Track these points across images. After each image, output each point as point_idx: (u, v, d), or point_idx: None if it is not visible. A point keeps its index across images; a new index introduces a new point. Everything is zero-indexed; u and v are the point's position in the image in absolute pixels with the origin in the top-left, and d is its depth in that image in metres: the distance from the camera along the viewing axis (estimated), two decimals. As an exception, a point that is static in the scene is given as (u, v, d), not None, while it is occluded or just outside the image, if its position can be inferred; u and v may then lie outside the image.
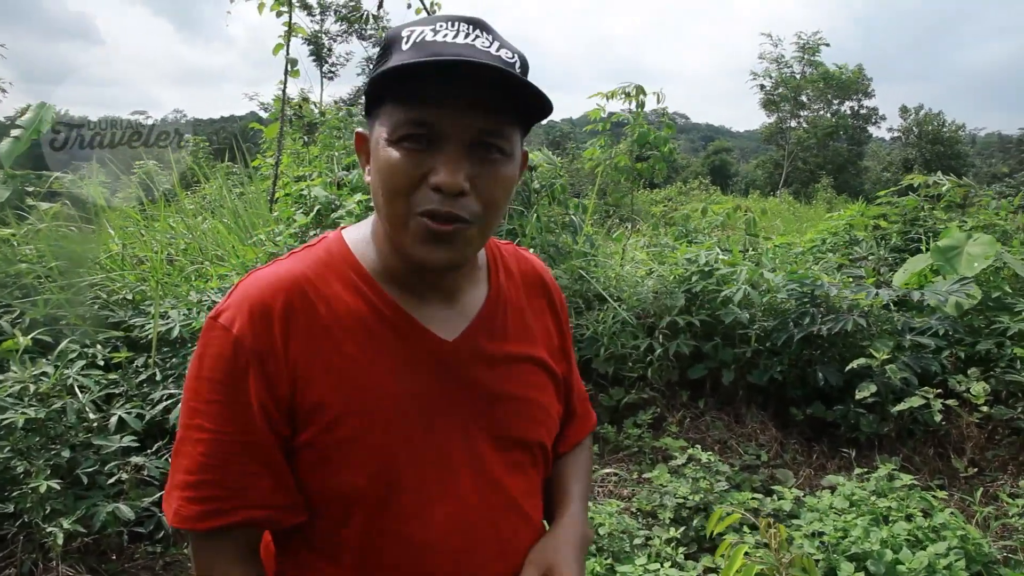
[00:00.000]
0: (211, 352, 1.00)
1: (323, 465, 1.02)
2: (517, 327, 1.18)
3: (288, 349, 1.00)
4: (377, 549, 1.04)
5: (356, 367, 1.02)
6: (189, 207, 6.60)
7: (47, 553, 2.88)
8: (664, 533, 3.55)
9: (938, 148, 43.86)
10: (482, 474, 1.09)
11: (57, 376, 3.20)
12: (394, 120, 0.96)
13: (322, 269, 1.06)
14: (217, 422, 0.99)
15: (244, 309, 1.00)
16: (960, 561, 3.05)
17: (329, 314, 1.03)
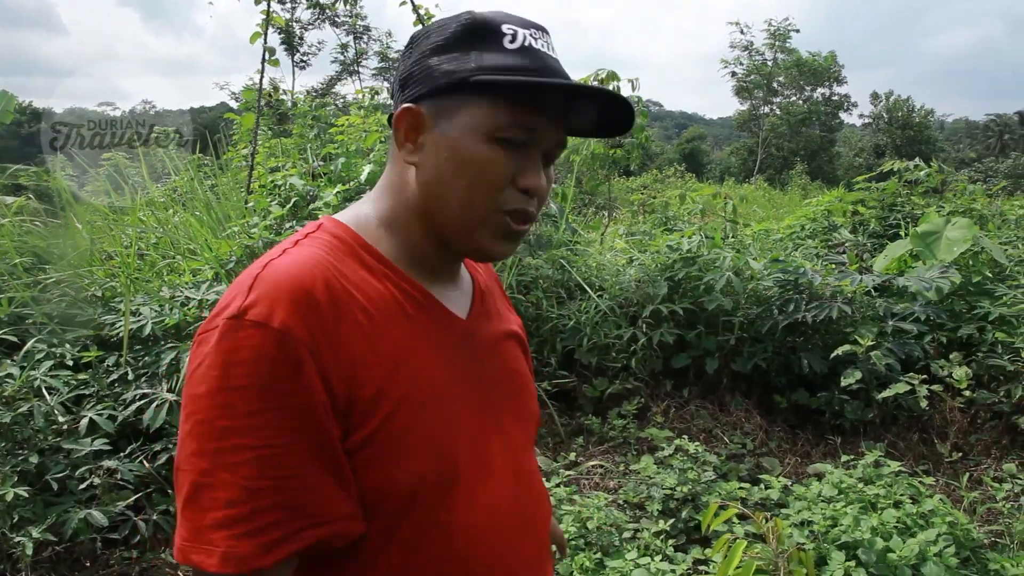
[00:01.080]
0: (244, 356, 0.85)
1: (382, 461, 0.92)
2: (497, 307, 1.22)
3: (341, 339, 0.90)
4: (424, 543, 0.97)
5: (405, 352, 0.96)
6: (160, 200, 6.44)
7: (15, 564, 2.77)
8: (653, 526, 3.50)
9: (908, 133, 44.47)
10: (511, 452, 1.09)
11: (24, 378, 3.09)
12: (499, 119, 0.96)
13: (340, 253, 0.98)
14: (267, 434, 0.84)
15: (283, 300, 0.87)
16: (950, 547, 3.04)
17: (365, 299, 0.95)
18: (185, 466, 0.86)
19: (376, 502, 0.93)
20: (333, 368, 0.88)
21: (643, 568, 3.04)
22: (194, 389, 0.87)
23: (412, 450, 0.93)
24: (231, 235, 4.72)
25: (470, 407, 1.03)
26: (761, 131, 40.71)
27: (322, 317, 0.89)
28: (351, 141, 5.93)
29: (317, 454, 0.87)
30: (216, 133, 9.16)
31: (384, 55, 31.75)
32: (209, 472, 0.84)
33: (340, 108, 14.57)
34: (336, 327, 0.89)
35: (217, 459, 0.84)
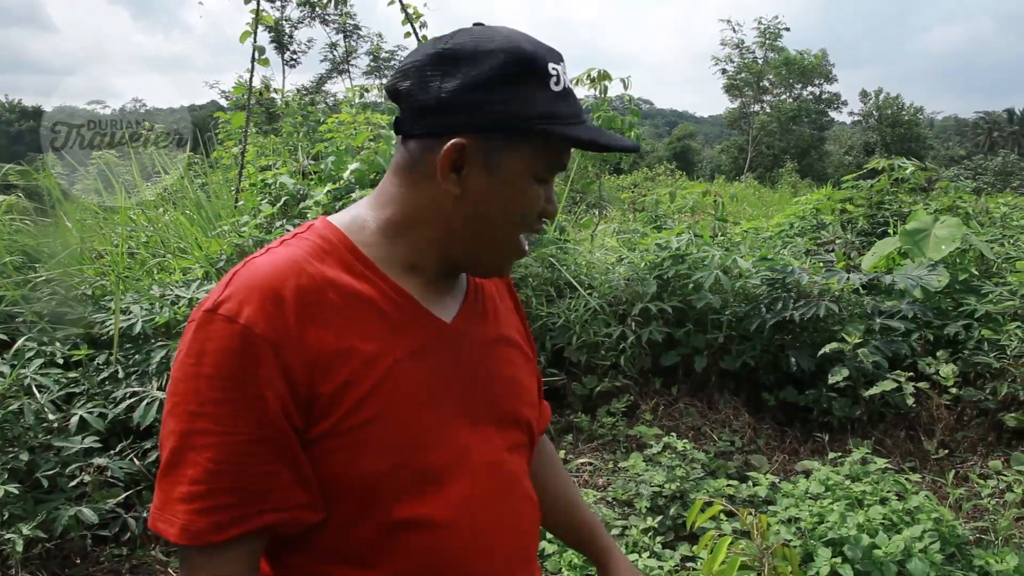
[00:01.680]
0: (212, 347, 0.91)
1: (344, 453, 0.96)
2: (494, 311, 1.21)
3: (304, 335, 0.94)
4: (394, 536, 1.00)
5: (373, 349, 0.99)
6: (151, 199, 6.43)
7: (6, 561, 2.78)
8: (641, 523, 3.53)
9: (898, 131, 44.67)
10: (488, 453, 1.10)
11: (14, 376, 3.09)
12: (548, 162, 1.03)
13: (321, 255, 1.01)
14: (227, 422, 0.90)
15: (252, 297, 0.93)
16: (935, 544, 3.06)
17: (338, 298, 0.99)
18: (163, 442, 0.94)
19: (338, 492, 0.97)
20: (296, 363, 0.92)
21: (631, 564, 3.06)
22: (175, 373, 0.94)
23: (376, 444, 0.97)
24: (221, 234, 4.72)
25: (446, 408, 1.05)
26: (751, 129, 40.84)
27: (285, 315, 0.93)
28: (341, 140, 5.94)
29: (273, 445, 0.92)
30: (207, 131, 9.14)
31: (375, 55, 31.69)
32: (179, 451, 0.91)
33: (330, 107, 14.55)
34: (301, 324, 0.93)
35: (186, 440, 0.91)
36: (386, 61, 32.04)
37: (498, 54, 0.98)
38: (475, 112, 0.98)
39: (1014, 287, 4.82)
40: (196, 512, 0.91)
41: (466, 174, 1.01)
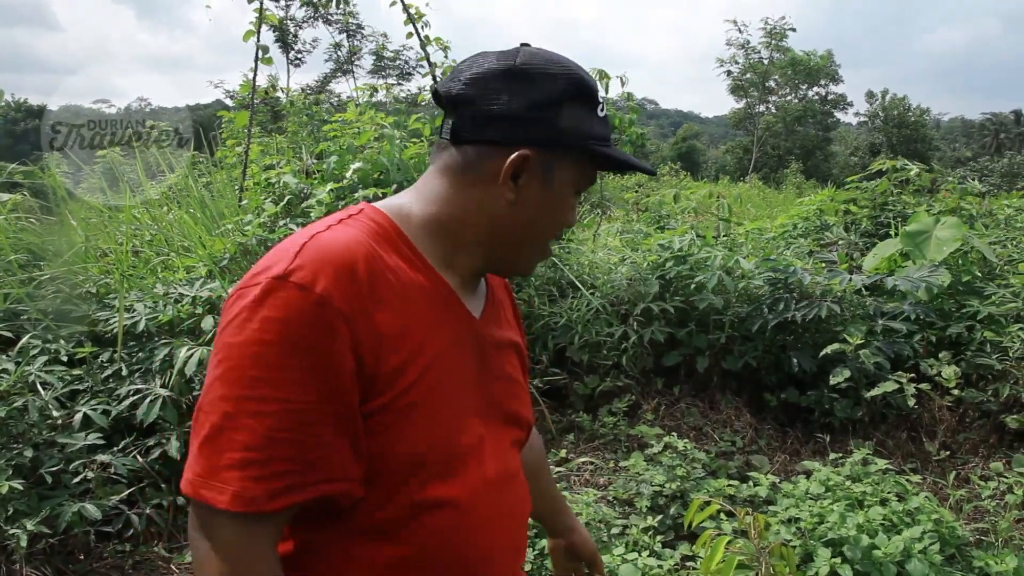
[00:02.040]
0: (281, 314, 0.91)
1: (391, 431, 1.00)
2: (504, 317, 1.29)
3: (373, 312, 0.97)
4: (418, 515, 1.03)
5: (427, 336, 1.04)
6: (155, 198, 6.46)
7: (10, 556, 2.80)
8: (641, 522, 3.54)
9: (904, 132, 44.57)
10: (500, 447, 1.17)
11: (19, 373, 3.12)
12: (588, 178, 1.16)
13: (378, 239, 1.05)
14: (292, 390, 0.91)
15: (327, 270, 0.94)
16: (935, 545, 3.07)
17: (397, 281, 1.02)
18: (209, 408, 0.93)
19: (377, 469, 1.00)
20: (364, 338, 0.95)
21: (630, 563, 3.07)
22: (229, 338, 0.93)
23: (419, 425, 1.01)
24: (225, 232, 4.74)
25: (472, 398, 1.11)
26: (756, 130, 40.79)
27: (359, 291, 0.96)
28: (344, 140, 5.96)
29: (338, 417, 0.94)
30: (212, 131, 9.17)
31: (379, 54, 31.76)
32: (233, 416, 0.91)
33: (335, 106, 14.58)
34: (371, 302, 0.97)
35: (243, 405, 0.90)
36: (391, 61, 32.10)
37: (562, 78, 1.09)
38: (541, 127, 1.07)
39: (1016, 289, 4.82)
40: (252, 479, 0.90)
41: (523, 183, 1.09)
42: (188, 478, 0.93)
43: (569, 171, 1.12)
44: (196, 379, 3.57)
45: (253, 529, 0.93)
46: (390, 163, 5.52)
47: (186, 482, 0.94)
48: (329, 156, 5.75)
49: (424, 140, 6.30)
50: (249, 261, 4.54)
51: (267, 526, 0.94)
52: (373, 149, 5.61)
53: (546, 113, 1.07)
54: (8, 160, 6.58)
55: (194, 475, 0.93)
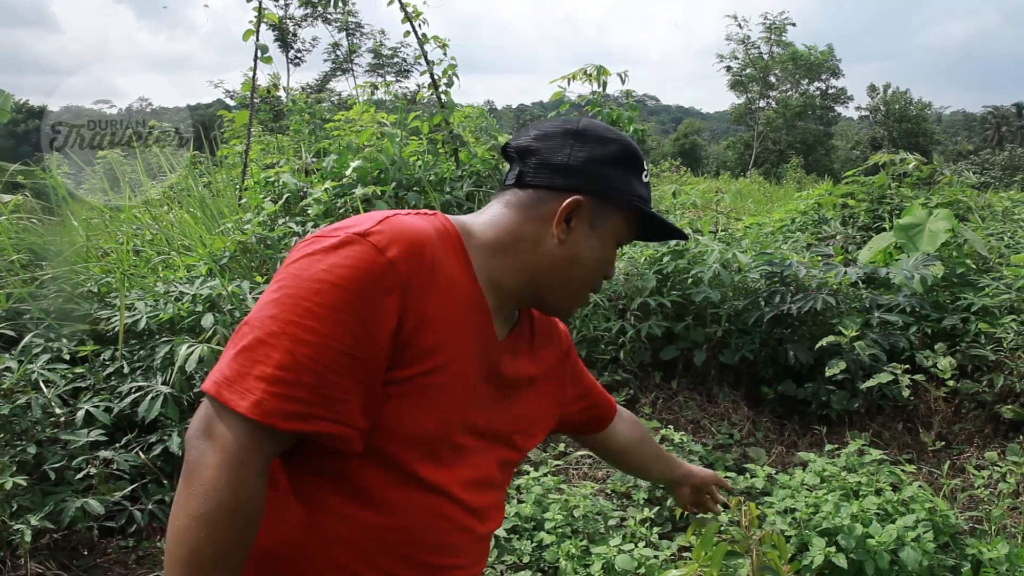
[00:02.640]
0: (352, 263, 1.02)
1: (409, 402, 1.10)
2: (528, 355, 1.36)
3: (427, 290, 1.09)
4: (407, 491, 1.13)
5: (460, 332, 1.15)
6: (156, 198, 6.50)
7: (15, 551, 2.84)
8: (638, 514, 3.57)
9: (905, 126, 44.49)
10: (483, 458, 1.26)
11: (22, 371, 3.16)
12: (629, 233, 1.29)
13: (446, 241, 1.16)
14: (336, 330, 1.00)
15: (402, 242, 1.06)
16: (928, 533, 3.10)
17: (450, 280, 1.14)
18: (256, 323, 1.02)
19: (382, 433, 1.09)
20: (413, 307, 1.07)
21: (627, 554, 3.11)
22: (297, 270, 1.04)
23: (430, 406, 1.12)
24: (225, 231, 4.78)
25: (478, 408, 1.22)
26: (756, 125, 40.77)
27: (422, 268, 1.08)
28: (345, 138, 6.00)
29: (361, 366, 1.03)
30: (212, 130, 9.21)
31: (377, 52, 31.79)
32: (276, 335, 1.00)
33: (336, 104, 14.60)
34: (428, 282, 1.09)
35: (289, 329, 1.00)
36: (388, 59, 32.13)
37: (617, 143, 1.25)
38: (596, 180, 1.22)
39: (1010, 280, 4.84)
40: (274, 395, 0.98)
41: (573, 226, 1.22)
42: (214, 379, 1.01)
43: (614, 222, 1.25)
44: (197, 376, 3.61)
45: (257, 443, 1.00)
46: (389, 161, 5.56)
47: (211, 382, 1.01)
48: (329, 155, 5.79)
49: (423, 138, 6.34)
50: (249, 259, 4.58)
51: (269, 446, 1.02)
52: (372, 147, 5.65)
53: (600, 168, 1.22)
54: (10, 161, 6.61)
55: (222, 377, 1.01)
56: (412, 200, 5.39)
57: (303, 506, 1.11)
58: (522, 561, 3.31)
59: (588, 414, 1.65)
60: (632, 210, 1.26)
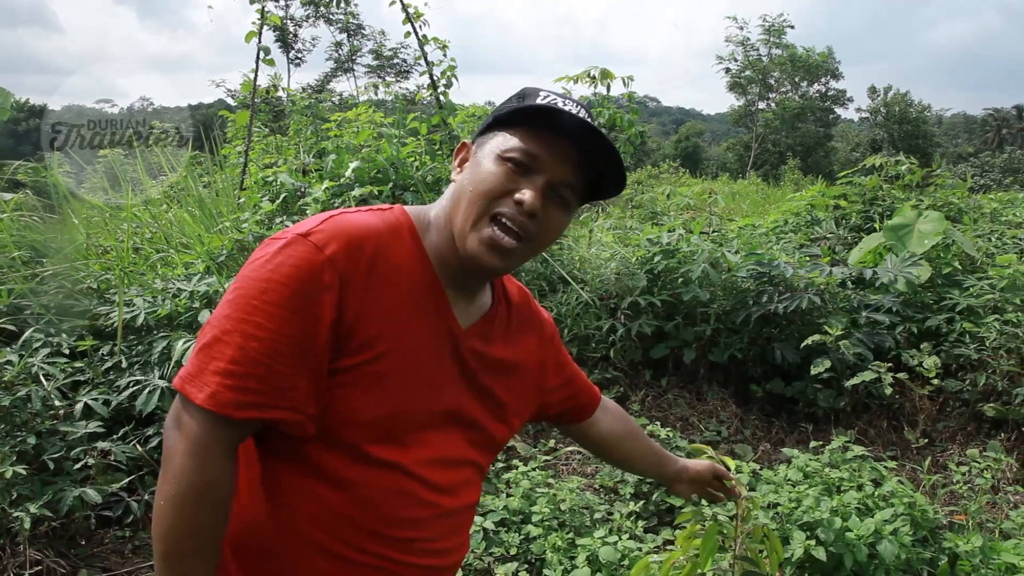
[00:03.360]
0: (294, 262, 1.11)
1: (354, 390, 1.17)
2: (503, 340, 1.41)
3: (366, 285, 1.16)
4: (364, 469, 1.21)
5: (406, 320, 1.21)
6: (156, 197, 6.58)
7: (15, 538, 2.92)
8: (624, 508, 3.65)
9: (905, 128, 44.48)
10: (459, 440, 1.33)
11: (22, 364, 3.23)
12: (510, 143, 1.23)
13: (395, 233, 1.24)
14: (281, 325, 1.10)
15: (341, 239, 1.15)
16: (906, 527, 3.17)
17: (396, 270, 1.21)
18: (214, 322, 1.12)
19: (334, 420, 1.18)
20: (352, 300, 1.14)
21: (610, 546, 3.19)
22: (249, 272, 1.13)
23: (378, 392, 1.18)
24: (223, 230, 4.86)
25: (436, 385, 1.27)
26: (755, 126, 40.84)
27: (360, 263, 1.16)
28: (347, 136, 6.08)
29: (306, 357, 1.12)
30: (213, 130, 9.28)
31: (378, 52, 31.87)
32: (230, 332, 1.10)
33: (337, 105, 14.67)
34: (367, 276, 1.16)
35: (238, 325, 1.10)
36: (389, 59, 32.22)
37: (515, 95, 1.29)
38: (484, 127, 1.29)
39: (994, 281, 4.92)
40: (228, 387, 1.08)
41: (463, 164, 1.30)
42: (180, 375, 1.12)
43: (489, 144, 1.26)
44: (193, 370, 3.69)
45: (217, 431, 1.10)
46: (387, 161, 5.64)
47: (177, 378, 1.12)
48: (328, 155, 5.87)
49: (421, 139, 6.41)
50: (245, 256, 4.65)
51: (230, 433, 1.12)
52: (371, 148, 5.73)
53: (491, 117, 1.28)
54: (10, 159, 6.68)
55: (185, 373, 1.12)
56: (409, 199, 5.47)
57: (276, 489, 1.21)
58: (509, 553, 3.38)
59: (569, 403, 1.68)
60: (505, 124, 1.25)
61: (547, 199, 1.23)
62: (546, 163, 1.22)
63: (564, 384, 1.63)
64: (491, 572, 3.27)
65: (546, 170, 1.22)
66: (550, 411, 1.65)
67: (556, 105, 1.22)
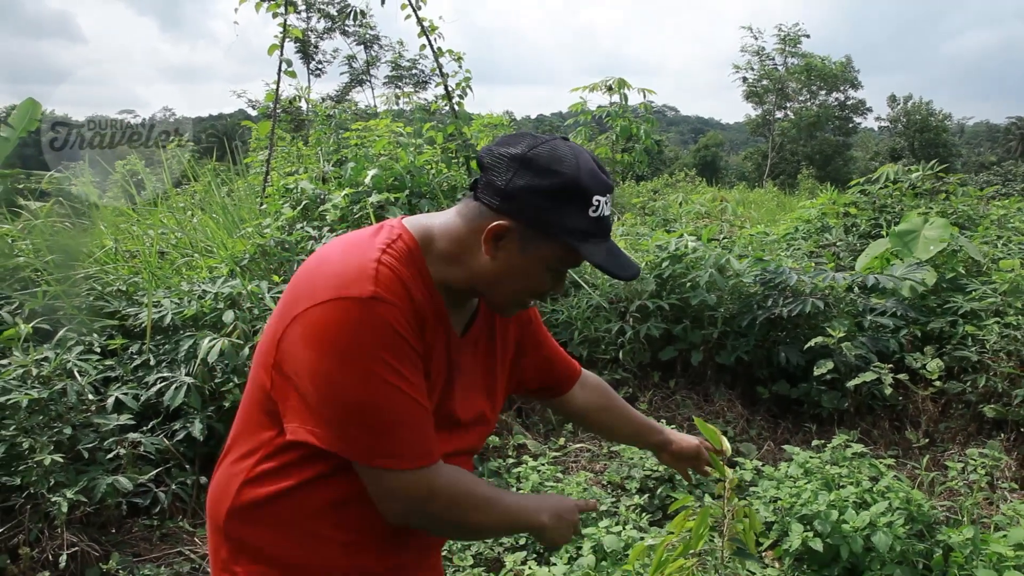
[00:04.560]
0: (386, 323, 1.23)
1: None
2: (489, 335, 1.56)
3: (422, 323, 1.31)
4: None
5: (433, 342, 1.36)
6: (179, 204, 6.80)
7: (52, 522, 3.10)
8: (629, 501, 3.78)
9: (926, 136, 44.19)
10: (465, 432, 1.48)
11: (58, 361, 3.42)
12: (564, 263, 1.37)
13: (409, 263, 1.32)
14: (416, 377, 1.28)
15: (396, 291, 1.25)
16: (900, 519, 3.28)
17: (422, 302, 1.32)
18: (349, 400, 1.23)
19: None
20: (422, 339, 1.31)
21: (614, 535, 3.33)
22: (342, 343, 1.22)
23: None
24: (245, 235, 5.05)
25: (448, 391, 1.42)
26: (772, 135, 40.84)
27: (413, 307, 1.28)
28: (362, 147, 6.27)
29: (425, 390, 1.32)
30: (234, 140, 9.51)
31: (395, 64, 32.21)
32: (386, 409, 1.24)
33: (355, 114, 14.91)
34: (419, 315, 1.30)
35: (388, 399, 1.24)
36: (406, 70, 32.55)
37: (560, 176, 1.30)
38: (528, 210, 1.31)
39: (997, 285, 5.02)
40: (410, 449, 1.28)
41: (503, 245, 1.33)
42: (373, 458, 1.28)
43: (544, 251, 1.34)
44: (218, 368, 3.87)
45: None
46: (404, 169, 5.83)
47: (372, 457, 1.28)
48: (347, 163, 6.06)
49: (437, 147, 6.60)
50: (267, 261, 4.84)
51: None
52: (388, 157, 5.92)
53: (533, 199, 1.30)
54: (32, 168, 6.91)
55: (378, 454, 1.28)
56: (425, 207, 5.64)
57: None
58: (518, 543, 3.53)
59: (545, 378, 1.79)
60: (563, 244, 1.33)
61: None
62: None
63: (544, 361, 1.75)
64: (501, 561, 3.42)
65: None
66: (528, 386, 1.77)
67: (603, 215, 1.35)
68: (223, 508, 1.38)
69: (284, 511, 1.33)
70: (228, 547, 1.38)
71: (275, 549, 1.35)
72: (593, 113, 9.17)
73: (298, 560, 1.34)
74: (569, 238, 1.31)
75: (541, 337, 1.75)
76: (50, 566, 3.00)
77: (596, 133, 9.70)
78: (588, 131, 9.32)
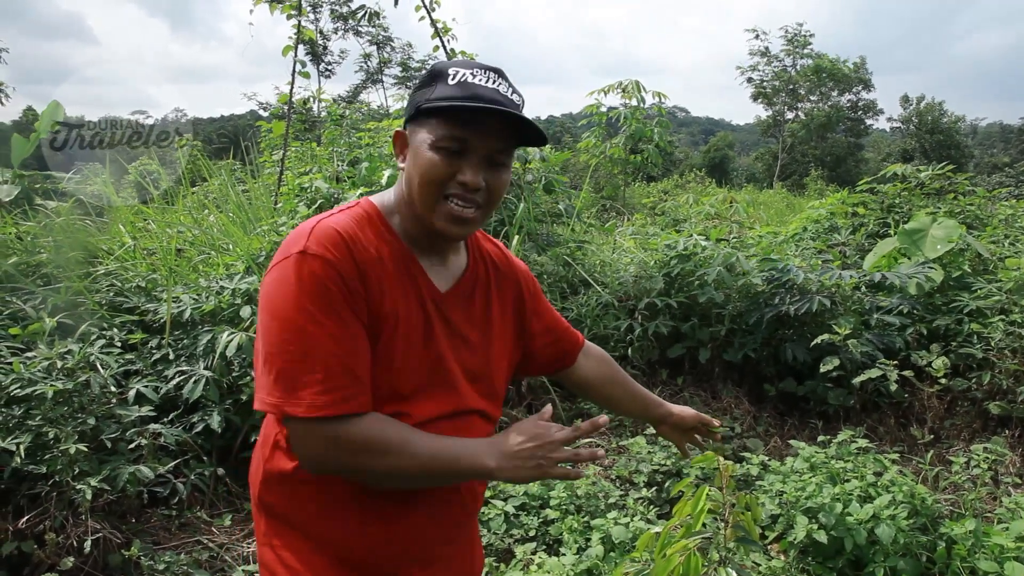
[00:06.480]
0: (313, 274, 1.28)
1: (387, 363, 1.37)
2: (484, 297, 1.59)
3: (366, 273, 1.34)
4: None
5: (396, 296, 1.39)
6: (193, 203, 6.90)
7: (76, 509, 3.20)
8: (637, 494, 3.86)
9: (937, 137, 44.06)
10: (465, 393, 1.49)
11: (81, 354, 3.51)
12: (439, 133, 1.35)
13: (365, 223, 1.41)
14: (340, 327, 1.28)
15: (332, 243, 1.31)
16: (903, 512, 3.34)
17: (377, 254, 1.37)
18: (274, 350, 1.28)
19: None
20: (365, 289, 1.33)
21: (622, 526, 3.40)
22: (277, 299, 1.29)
23: (387, 365, 1.37)
24: (261, 233, 5.14)
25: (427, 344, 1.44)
26: (782, 137, 40.79)
27: (354, 257, 1.32)
28: (376, 145, 6.36)
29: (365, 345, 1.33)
30: (246, 140, 9.62)
31: (406, 64, 32.33)
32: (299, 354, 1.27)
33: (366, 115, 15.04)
34: (362, 265, 1.33)
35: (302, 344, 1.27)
36: (416, 71, 32.67)
37: (427, 70, 1.42)
38: (408, 111, 1.43)
39: (1003, 283, 5.07)
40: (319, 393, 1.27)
41: (402, 151, 1.44)
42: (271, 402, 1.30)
43: (422, 133, 1.37)
44: (236, 361, 3.96)
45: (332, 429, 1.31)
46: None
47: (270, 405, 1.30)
48: (361, 163, 6.15)
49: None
50: (283, 258, 4.91)
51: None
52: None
53: (411, 100, 1.43)
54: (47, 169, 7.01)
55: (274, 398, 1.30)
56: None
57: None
58: (528, 535, 3.61)
59: (552, 349, 1.81)
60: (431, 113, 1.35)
61: (486, 169, 1.38)
62: (474, 141, 1.35)
63: (547, 330, 1.78)
64: (511, 552, 3.50)
65: (477, 148, 1.36)
66: (536, 359, 1.78)
67: (467, 81, 1.35)
68: (257, 482, 1.49)
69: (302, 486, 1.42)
70: (265, 520, 1.48)
71: (302, 516, 1.43)
72: (607, 115, 9.26)
73: (324, 531, 1.42)
74: (427, 105, 1.35)
75: (542, 306, 1.78)
76: (74, 552, 3.09)
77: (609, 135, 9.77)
78: (601, 131, 9.41)
